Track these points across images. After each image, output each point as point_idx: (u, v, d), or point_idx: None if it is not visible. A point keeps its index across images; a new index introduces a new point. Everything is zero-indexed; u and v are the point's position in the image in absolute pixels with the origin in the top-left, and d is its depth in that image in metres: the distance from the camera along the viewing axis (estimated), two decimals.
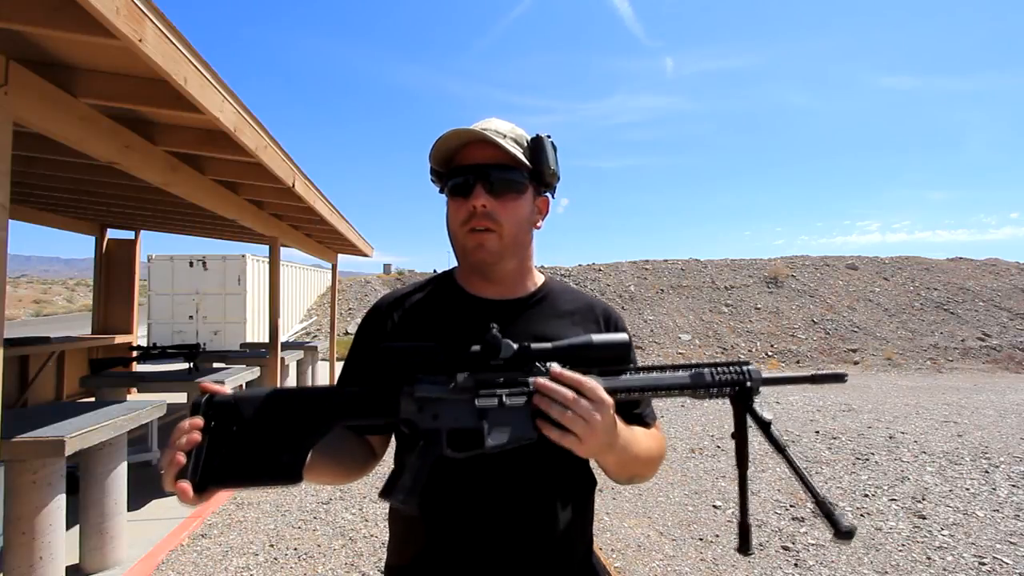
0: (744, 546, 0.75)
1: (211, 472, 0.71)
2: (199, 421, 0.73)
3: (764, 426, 0.74)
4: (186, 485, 0.69)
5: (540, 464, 0.89)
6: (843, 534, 0.66)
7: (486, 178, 0.91)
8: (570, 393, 0.75)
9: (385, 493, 0.78)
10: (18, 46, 2.01)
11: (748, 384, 0.78)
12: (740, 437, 0.78)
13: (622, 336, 0.82)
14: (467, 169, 0.92)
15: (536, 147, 0.94)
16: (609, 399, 0.77)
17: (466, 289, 1.01)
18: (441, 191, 0.99)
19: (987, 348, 12.20)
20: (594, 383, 0.76)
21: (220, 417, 0.75)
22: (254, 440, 0.75)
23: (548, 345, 0.80)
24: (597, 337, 0.81)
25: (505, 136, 0.92)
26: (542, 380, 0.76)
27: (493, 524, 0.89)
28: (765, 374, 0.81)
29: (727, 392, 0.79)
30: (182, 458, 0.70)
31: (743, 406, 0.78)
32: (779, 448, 0.73)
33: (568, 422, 0.74)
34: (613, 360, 0.81)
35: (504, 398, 0.78)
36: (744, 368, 0.79)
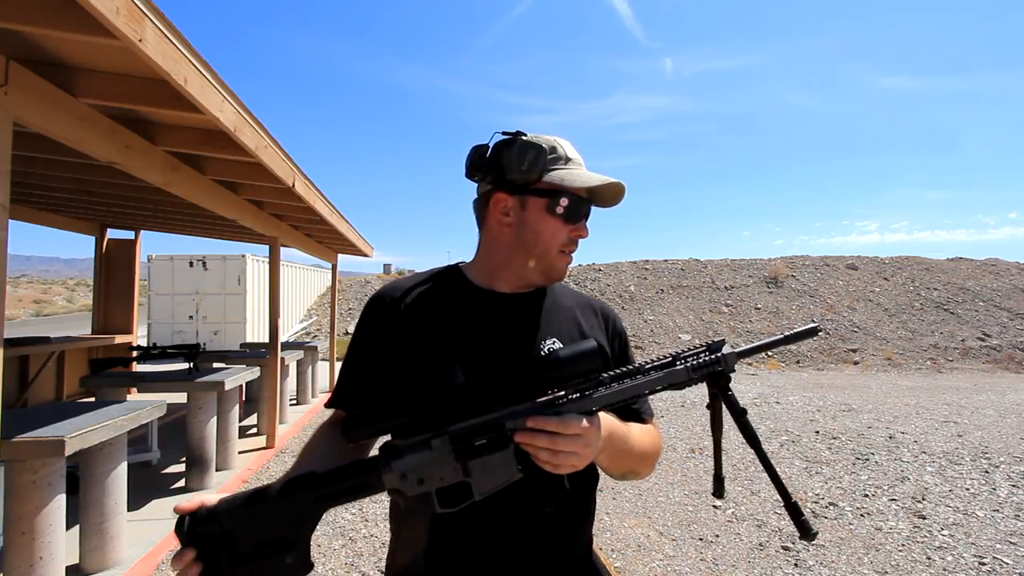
0: (718, 490, 0.86)
1: None
2: (190, 554, 0.72)
3: (739, 416, 0.79)
4: None
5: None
6: (810, 536, 0.75)
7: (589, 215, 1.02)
8: (553, 438, 0.76)
9: (392, 565, 0.84)
10: (18, 46, 2.01)
11: (721, 369, 0.81)
12: (714, 409, 0.84)
13: (589, 344, 0.80)
14: (589, 204, 0.99)
15: None
16: (589, 424, 0.78)
17: (475, 283, 1.03)
18: (515, 192, 0.97)
19: (987, 348, 12.19)
20: (572, 420, 0.77)
21: (208, 536, 0.73)
22: (252, 551, 0.74)
23: (520, 380, 0.80)
24: (564, 352, 0.79)
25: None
26: (521, 434, 0.77)
27: (493, 522, 0.89)
28: (739, 348, 0.83)
29: (705, 378, 0.82)
30: None
31: (719, 392, 0.81)
32: (751, 439, 0.79)
33: (558, 460, 0.77)
34: (587, 371, 0.80)
35: (483, 448, 0.78)
36: (718, 354, 0.81)
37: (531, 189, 0.96)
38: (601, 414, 0.82)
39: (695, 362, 0.81)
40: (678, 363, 0.81)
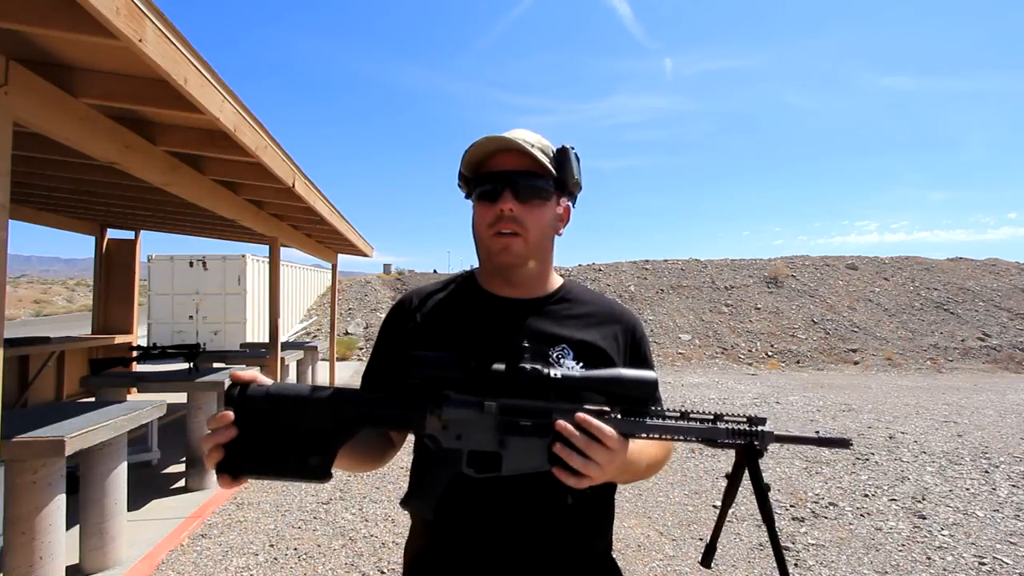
0: (706, 561, 0.89)
1: (245, 463, 0.76)
2: (230, 416, 0.76)
3: (761, 491, 0.81)
4: (226, 475, 0.75)
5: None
6: None
7: (514, 185, 0.94)
8: (591, 441, 0.77)
9: (405, 501, 0.83)
10: (18, 46, 2.01)
11: (757, 445, 0.81)
12: (733, 481, 0.85)
13: (651, 375, 0.83)
14: (496, 175, 0.95)
15: (561, 157, 0.98)
16: (622, 444, 0.79)
17: (486, 289, 1.04)
18: (467, 196, 1.02)
19: (987, 348, 12.20)
20: (613, 432, 0.78)
21: (253, 410, 0.77)
22: (285, 437, 0.78)
23: (577, 375, 0.82)
24: (627, 373, 0.82)
25: (533, 145, 0.94)
26: (564, 424, 0.77)
27: (511, 517, 0.89)
28: (777, 432, 0.83)
29: (737, 446, 0.82)
30: (221, 450, 0.76)
31: (749, 463, 0.83)
32: (767, 516, 0.81)
33: (585, 469, 0.77)
34: (639, 398, 0.82)
35: (526, 429, 0.80)
36: (758, 429, 0.81)
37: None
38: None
39: (736, 427, 0.82)
40: (721, 423, 0.82)
